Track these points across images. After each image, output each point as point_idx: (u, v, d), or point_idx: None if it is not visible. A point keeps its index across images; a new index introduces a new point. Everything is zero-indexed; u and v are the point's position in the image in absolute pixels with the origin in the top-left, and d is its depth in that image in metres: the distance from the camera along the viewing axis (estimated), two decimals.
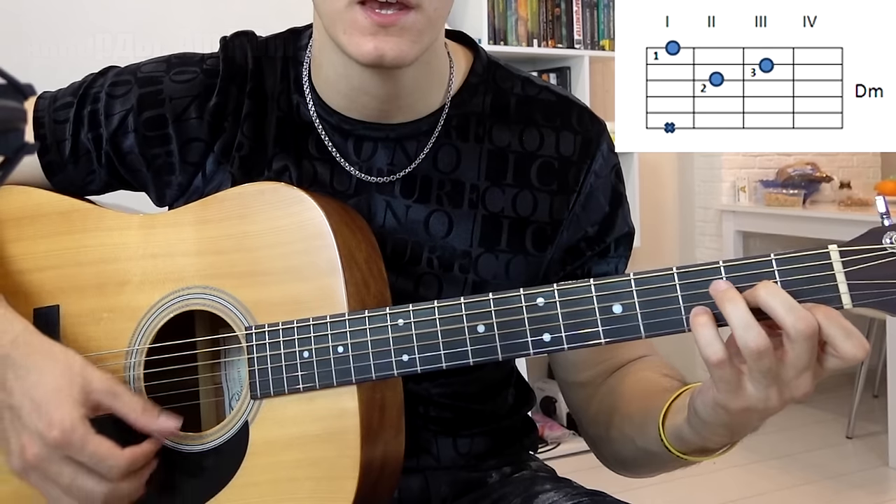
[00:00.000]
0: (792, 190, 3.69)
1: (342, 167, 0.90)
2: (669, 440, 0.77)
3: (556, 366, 0.98)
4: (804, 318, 0.65)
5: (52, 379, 0.78)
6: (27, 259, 0.90)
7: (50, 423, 0.75)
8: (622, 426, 0.87)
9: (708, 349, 0.67)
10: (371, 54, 0.77)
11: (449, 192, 0.90)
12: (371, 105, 0.88)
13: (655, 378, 0.87)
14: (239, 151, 0.90)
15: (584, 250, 0.92)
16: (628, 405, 0.86)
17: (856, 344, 0.65)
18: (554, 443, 3.18)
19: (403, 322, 0.76)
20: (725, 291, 0.67)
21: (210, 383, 0.90)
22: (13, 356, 0.80)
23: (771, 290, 0.66)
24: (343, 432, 0.77)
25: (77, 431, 0.75)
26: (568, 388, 0.98)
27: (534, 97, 0.93)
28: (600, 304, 0.71)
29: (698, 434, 0.74)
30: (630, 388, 0.88)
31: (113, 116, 0.91)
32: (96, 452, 0.76)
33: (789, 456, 3.17)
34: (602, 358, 0.93)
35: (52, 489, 0.78)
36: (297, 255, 0.81)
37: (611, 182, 0.93)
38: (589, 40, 3.51)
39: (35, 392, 0.77)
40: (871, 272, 0.65)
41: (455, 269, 0.89)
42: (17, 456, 0.77)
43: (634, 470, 0.91)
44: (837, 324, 0.65)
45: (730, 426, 0.71)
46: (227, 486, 0.81)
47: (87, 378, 0.79)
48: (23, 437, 0.77)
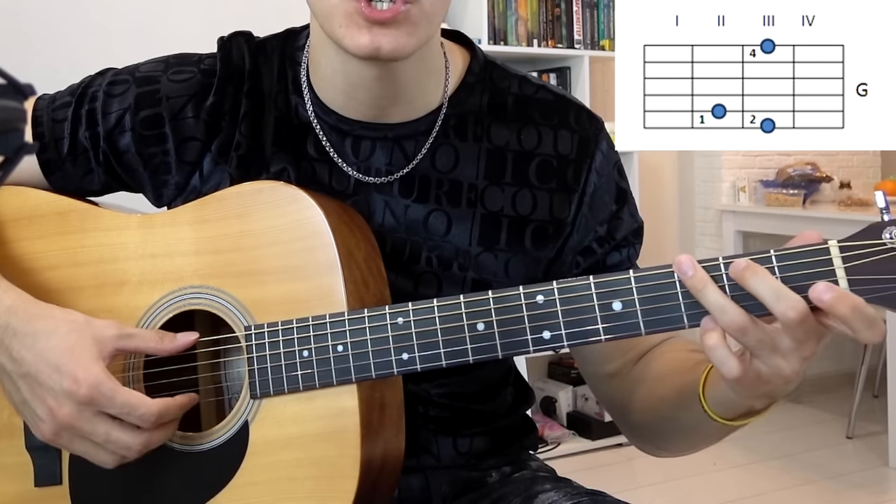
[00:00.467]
0: (792, 190, 3.69)
1: (340, 167, 0.90)
2: (713, 409, 0.76)
3: (582, 361, 0.97)
4: (794, 306, 0.65)
5: (61, 339, 0.78)
6: (25, 260, 0.90)
7: (76, 381, 0.76)
8: (659, 408, 0.86)
9: (723, 367, 0.68)
10: (367, 47, 0.77)
11: (447, 192, 0.90)
12: (368, 103, 0.88)
13: (683, 356, 0.87)
14: (237, 151, 0.90)
15: (596, 249, 0.93)
16: (662, 386, 0.86)
17: (876, 333, 0.65)
18: (554, 443, 3.18)
19: (403, 321, 0.76)
20: (694, 277, 0.67)
21: (210, 383, 0.90)
22: (13, 325, 0.80)
23: (758, 275, 0.66)
24: (343, 431, 0.77)
25: (105, 384, 0.76)
26: (598, 380, 0.97)
27: (531, 96, 0.93)
28: (600, 301, 0.71)
29: (742, 401, 0.73)
30: (660, 371, 0.88)
31: (110, 115, 0.91)
32: (127, 402, 0.76)
33: (789, 456, 3.17)
34: (628, 346, 0.93)
35: (87, 447, 0.79)
36: (296, 254, 0.81)
37: (614, 179, 0.93)
38: (589, 40, 3.51)
39: (50, 355, 0.77)
40: (870, 267, 0.65)
41: (454, 268, 0.89)
42: (48, 420, 0.77)
43: (677, 448, 0.91)
44: (861, 316, 0.64)
45: (764, 394, 0.72)
46: (227, 486, 0.80)
47: (95, 329, 0.80)
48: (48, 401, 0.77)
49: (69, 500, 0.86)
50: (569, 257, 0.92)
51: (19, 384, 0.79)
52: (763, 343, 0.67)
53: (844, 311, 0.64)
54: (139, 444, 0.78)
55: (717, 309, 0.67)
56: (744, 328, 0.66)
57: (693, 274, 0.67)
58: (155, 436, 0.79)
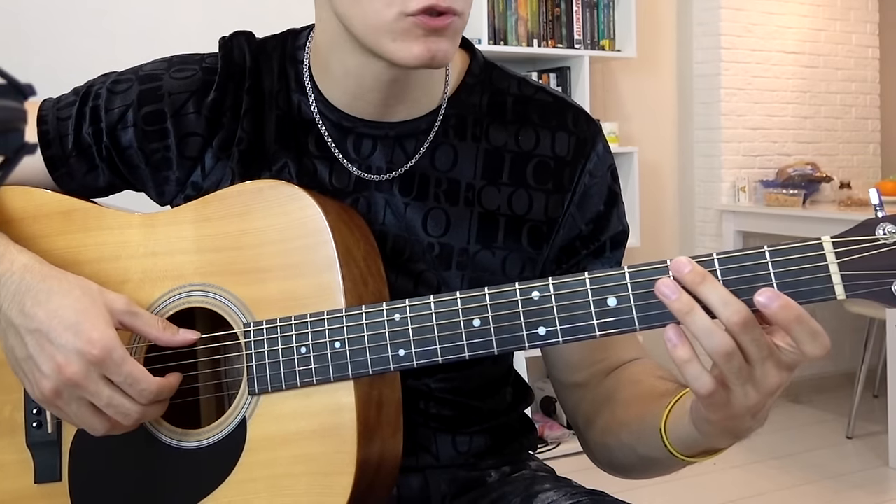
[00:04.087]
0: (792, 190, 3.69)
1: (342, 164, 0.90)
2: (674, 445, 0.77)
3: (552, 367, 0.98)
4: (738, 311, 0.65)
5: (75, 300, 0.79)
6: None
7: (90, 341, 0.76)
8: (619, 434, 0.87)
9: (696, 383, 0.67)
10: (423, 56, 0.79)
11: (446, 191, 0.90)
12: (376, 102, 0.89)
13: (650, 381, 0.87)
14: (239, 146, 0.91)
15: (579, 248, 0.93)
16: (624, 412, 0.87)
17: (819, 346, 0.65)
18: (554, 443, 3.18)
19: (400, 317, 0.77)
20: (678, 300, 0.66)
21: (209, 380, 0.90)
22: (28, 281, 0.80)
23: (709, 286, 0.66)
24: (339, 428, 0.78)
25: (117, 350, 0.77)
26: (564, 389, 0.98)
27: (530, 97, 0.94)
28: (595, 297, 0.71)
29: (705, 439, 0.74)
30: (626, 395, 0.88)
31: (113, 111, 0.92)
32: (132, 373, 0.77)
33: (789, 456, 3.17)
34: (596, 359, 0.94)
35: (83, 410, 0.79)
36: (296, 252, 0.81)
37: (606, 182, 0.94)
38: (589, 40, 3.51)
39: (64, 313, 0.78)
40: (864, 263, 0.65)
41: (453, 267, 0.90)
42: (52, 377, 0.77)
43: (631, 474, 0.91)
44: (805, 327, 0.64)
45: (727, 430, 0.71)
46: (224, 482, 0.81)
47: (106, 298, 0.80)
48: (57, 357, 0.77)
49: (69, 496, 0.86)
50: (552, 253, 0.92)
51: (26, 339, 0.79)
52: (742, 371, 0.66)
53: (786, 319, 0.64)
54: (137, 414, 0.79)
55: (704, 333, 0.66)
56: (730, 354, 0.65)
57: (677, 297, 0.66)
58: (149, 411, 0.80)
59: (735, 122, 3.93)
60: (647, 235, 3.74)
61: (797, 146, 4.09)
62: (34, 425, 0.88)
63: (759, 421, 0.72)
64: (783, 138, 4.07)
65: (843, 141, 4.25)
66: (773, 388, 0.67)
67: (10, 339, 0.80)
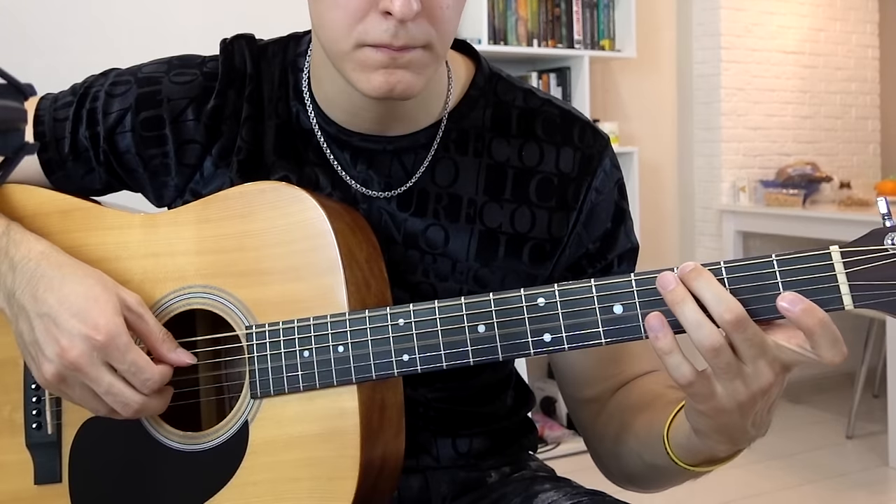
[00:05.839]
0: (792, 190, 3.69)
1: (340, 177, 0.90)
2: (675, 452, 0.77)
3: (563, 382, 0.97)
4: (731, 308, 0.65)
5: (87, 288, 0.79)
6: None
7: (96, 327, 0.76)
8: (628, 441, 0.87)
9: (676, 372, 0.68)
10: (381, 88, 0.78)
11: (446, 206, 0.89)
12: (371, 120, 0.88)
13: (660, 391, 0.87)
14: (238, 156, 0.90)
15: (586, 267, 0.92)
16: (633, 420, 0.86)
17: (837, 353, 0.65)
18: (554, 443, 3.18)
19: (404, 322, 0.76)
20: (673, 291, 0.67)
21: (210, 382, 0.90)
22: (43, 268, 0.81)
23: (704, 281, 0.66)
24: (343, 432, 0.77)
25: (122, 337, 0.77)
26: (575, 405, 0.97)
27: (536, 110, 0.92)
28: (601, 304, 0.71)
29: (703, 443, 0.73)
30: (635, 403, 0.88)
31: (110, 115, 0.91)
32: (136, 361, 0.77)
33: (789, 456, 3.17)
34: (608, 374, 0.93)
35: (85, 394, 0.79)
36: (298, 255, 0.81)
37: (613, 198, 0.92)
38: (589, 40, 3.51)
39: (73, 299, 0.78)
40: (872, 273, 0.65)
41: (450, 282, 0.89)
42: (55, 360, 0.77)
43: (643, 485, 0.91)
44: (828, 332, 0.64)
45: (721, 429, 0.71)
46: (226, 486, 0.81)
47: (119, 290, 0.81)
48: (62, 341, 0.77)
49: (69, 498, 0.86)
50: (558, 272, 0.91)
51: (34, 323, 0.79)
52: (731, 367, 0.66)
53: (811, 324, 0.64)
54: (137, 403, 0.78)
55: (693, 325, 0.66)
56: (717, 349, 0.66)
57: (673, 288, 0.67)
58: (151, 402, 0.79)
59: (735, 121, 3.92)
60: (646, 235, 3.74)
61: (797, 146, 4.10)
62: (34, 426, 0.87)
63: (760, 429, 0.72)
64: (783, 138, 4.07)
65: (843, 141, 4.25)
66: (764, 386, 0.67)
67: (21, 323, 0.81)
